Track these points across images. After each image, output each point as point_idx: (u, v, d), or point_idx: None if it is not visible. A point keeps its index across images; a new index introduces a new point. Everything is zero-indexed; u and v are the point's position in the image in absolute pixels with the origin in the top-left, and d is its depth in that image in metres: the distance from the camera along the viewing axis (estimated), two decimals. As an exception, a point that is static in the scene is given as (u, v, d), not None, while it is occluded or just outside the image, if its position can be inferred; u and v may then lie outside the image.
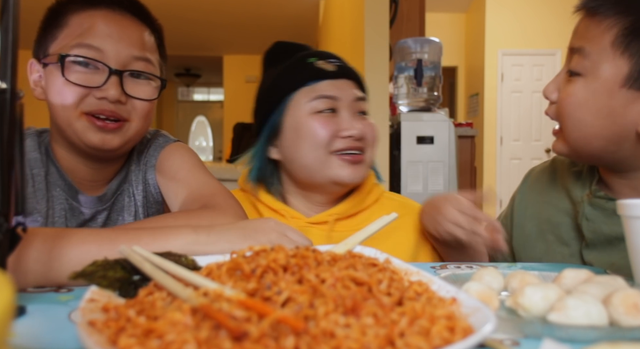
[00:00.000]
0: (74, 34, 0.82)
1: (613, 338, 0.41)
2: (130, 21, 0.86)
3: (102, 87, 0.81)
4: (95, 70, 0.82)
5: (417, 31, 3.50)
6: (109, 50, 0.82)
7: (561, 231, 0.91)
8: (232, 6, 6.28)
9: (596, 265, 0.83)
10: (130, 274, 0.49)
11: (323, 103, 0.92)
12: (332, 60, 0.97)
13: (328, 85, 0.93)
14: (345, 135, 0.91)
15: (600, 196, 0.84)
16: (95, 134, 0.82)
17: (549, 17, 6.34)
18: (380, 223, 0.64)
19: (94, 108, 0.82)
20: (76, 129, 0.82)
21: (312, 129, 0.91)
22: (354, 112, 0.94)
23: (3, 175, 0.45)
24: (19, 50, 0.45)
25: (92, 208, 0.90)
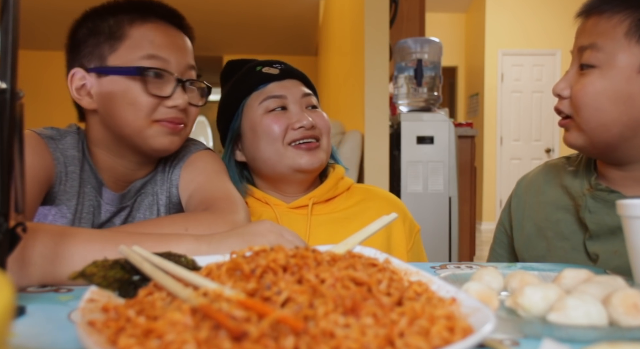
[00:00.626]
0: (138, 46, 0.86)
1: (613, 338, 0.41)
2: (176, 31, 0.92)
3: (172, 96, 0.87)
4: (162, 80, 0.86)
5: (417, 31, 3.50)
6: (172, 60, 0.88)
7: (561, 227, 0.93)
8: (232, 6, 6.28)
9: (600, 254, 0.85)
10: (130, 274, 0.49)
11: (273, 103, 1.02)
12: (276, 65, 1.07)
13: (275, 86, 1.04)
14: (297, 127, 1.00)
15: (602, 188, 0.86)
16: (166, 138, 0.88)
17: (549, 17, 6.34)
18: (380, 223, 0.64)
19: (165, 117, 0.87)
20: (147, 135, 0.86)
21: (266, 126, 1.01)
22: (303, 106, 1.04)
23: (3, 175, 0.45)
24: (19, 50, 0.45)
25: (115, 205, 0.92)
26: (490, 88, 6.67)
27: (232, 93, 1.07)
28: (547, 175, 1.00)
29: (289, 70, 1.07)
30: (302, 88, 1.05)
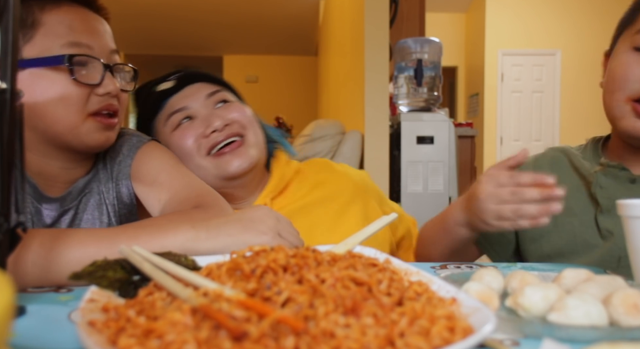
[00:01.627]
0: (57, 33, 0.78)
1: (613, 338, 0.41)
2: (92, 14, 0.84)
3: (102, 83, 0.80)
4: (89, 68, 0.80)
5: (417, 31, 3.50)
6: (95, 46, 0.81)
7: (570, 203, 0.93)
8: (232, 6, 6.28)
9: (615, 231, 0.87)
10: (130, 274, 0.49)
11: (176, 117, 0.95)
12: (171, 78, 0.99)
13: (175, 99, 0.97)
14: (209, 132, 0.93)
15: (614, 165, 0.88)
16: (101, 134, 0.82)
17: (549, 17, 6.34)
18: (380, 224, 0.64)
19: (100, 106, 0.80)
20: (80, 132, 0.80)
21: (177, 144, 0.94)
22: (211, 107, 0.96)
23: (3, 175, 0.45)
24: (19, 50, 0.45)
25: (58, 208, 0.86)
26: (490, 88, 6.68)
27: (141, 124, 1.01)
28: (554, 157, 1.01)
29: (185, 77, 0.99)
30: (206, 89, 0.98)
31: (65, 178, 0.87)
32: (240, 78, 8.75)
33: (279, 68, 8.72)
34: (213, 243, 0.64)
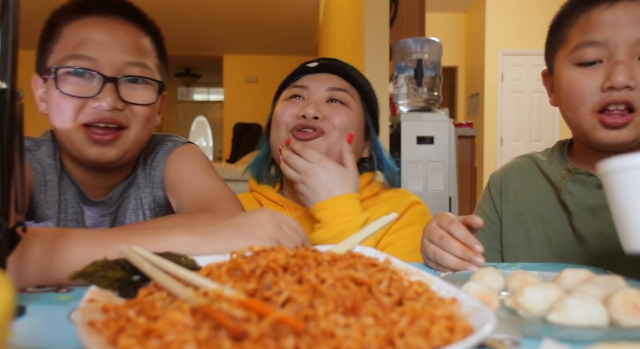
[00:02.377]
0: (68, 46, 0.81)
1: (613, 338, 0.41)
2: (123, 26, 0.84)
3: (98, 95, 0.80)
4: (89, 80, 0.80)
5: (417, 31, 3.50)
6: (102, 58, 0.81)
7: (542, 210, 0.96)
8: (232, 6, 6.28)
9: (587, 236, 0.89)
10: (130, 274, 0.49)
11: (292, 91, 1.02)
12: (322, 60, 1.05)
13: (306, 78, 1.03)
14: (300, 115, 0.98)
15: (581, 172, 0.91)
16: (92, 148, 0.81)
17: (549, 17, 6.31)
18: (380, 224, 0.64)
19: (92, 118, 0.80)
20: (74, 142, 0.81)
21: (278, 113, 1.01)
22: (324, 99, 1.00)
23: (3, 175, 0.45)
24: (19, 50, 0.45)
25: (98, 212, 0.90)
26: (490, 88, 6.67)
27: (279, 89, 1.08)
28: (521, 164, 1.03)
29: (327, 65, 1.04)
30: (334, 81, 1.01)
31: (102, 184, 0.90)
32: (240, 78, 8.75)
33: (279, 68, 8.71)
34: (207, 248, 0.63)
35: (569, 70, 0.86)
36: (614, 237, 0.85)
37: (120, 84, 0.82)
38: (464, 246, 0.71)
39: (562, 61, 0.88)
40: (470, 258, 0.70)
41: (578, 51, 0.84)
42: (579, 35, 0.85)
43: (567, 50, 0.87)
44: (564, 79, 0.87)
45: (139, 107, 0.84)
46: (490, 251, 1.02)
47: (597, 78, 0.82)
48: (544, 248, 0.94)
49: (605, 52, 0.82)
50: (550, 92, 0.96)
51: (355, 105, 1.03)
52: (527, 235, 0.97)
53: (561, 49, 0.89)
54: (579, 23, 0.85)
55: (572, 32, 0.87)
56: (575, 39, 0.85)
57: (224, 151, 8.26)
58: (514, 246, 0.99)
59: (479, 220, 0.73)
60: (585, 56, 0.83)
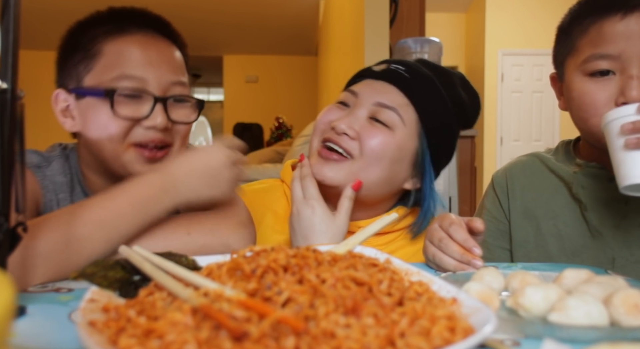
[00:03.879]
0: (113, 65, 0.80)
1: (614, 338, 0.41)
2: (162, 43, 0.84)
3: (150, 116, 0.80)
4: (139, 100, 0.80)
5: (417, 31, 3.50)
6: (151, 78, 0.80)
7: (551, 205, 0.96)
8: (232, 6, 6.28)
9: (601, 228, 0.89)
10: (131, 274, 0.49)
11: (342, 96, 0.93)
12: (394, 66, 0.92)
13: (364, 82, 0.93)
14: (331, 126, 0.88)
15: (592, 166, 0.91)
16: (143, 166, 0.81)
17: (549, 17, 6.33)
18: (380, 224, 0.64)
19: (143, 139, 0.80)
20: (124, 161, 0.81)
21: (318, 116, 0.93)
22: (367, 115, 0.88)
23: (3, 175, 0.45)
24: (19, 50, 0.45)
25: None
26: (490, 88, 6.67)
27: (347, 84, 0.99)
28: (526, 163, 1.03)
29: (391, 73, 0.91)
30: (387, 97, 0.88)
31: None
32: (240, 78, 8.74)
33: (279, 68, 8.71)
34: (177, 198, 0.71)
35: (580, 81, 0.85)
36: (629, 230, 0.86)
37: (168, 104, 0.82)
38: (463, 249, 0.71)
39: (573, 70, 0.87)
40: (468, 261, 0.70)
41: (590, 63, 0.83)
42: (590, 46, 0.83)
43: (578, 60, 0.85)
44: (575, 90, 0.86)
45: (182, 125, 0.85)
46: (498, 250, 1.02)
47: (610, 91, 0.81)
48: (556, 243, 0.94)
49: (618, 64, 0.81)
50: (559, 95, 0.95)
51: (404, 129, 0.87)
52: (537, 231, 0.97)
53: (571, 57, 0.88)
54: (590, 33, 0.84)
55: (583, 42, 0.85)
56: (587, 50, 0.84)
57: (224, 151, 8.24)
58: (524, 243, 0.99)
59: (480, 225, 0.73)
60: (598, 68, 0.82)
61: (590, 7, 0.85)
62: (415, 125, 0.89)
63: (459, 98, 0.96)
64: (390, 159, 0.86)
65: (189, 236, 0.72)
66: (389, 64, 0.94)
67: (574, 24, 0.88)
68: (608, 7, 0.81)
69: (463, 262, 0.70)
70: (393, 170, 0.88)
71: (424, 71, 0.93)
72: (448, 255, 0.72)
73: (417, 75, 0.91)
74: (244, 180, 0.79)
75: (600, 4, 0.83)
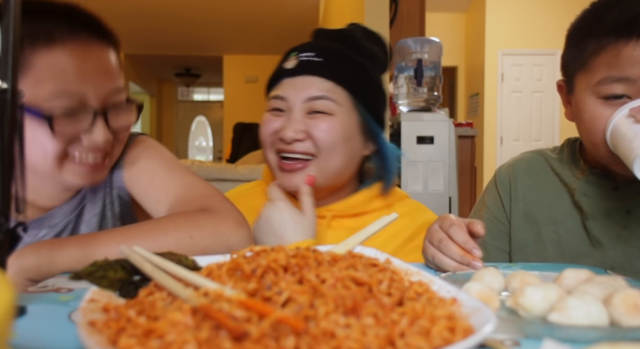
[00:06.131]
0: (46, 79, 0.71)
1: (614, 338, 0.41)
2: (97, 48, 0.77)
3: (91, 130, 0.75)
4: (78, 115, 0.74)
5: (417, 31, 3.50)
6: (89, 91, 0.74)
7: (553, 211, 0.95)
8: (232, 6, 6.28)
9: (601, 238, 0.88)
10: (131, 274, 0.49)
11: (272, 103, 0.93)
12: (303, 55, 0.93)
13: (284, 83, 0.92)
14: (280, 137, 0.89)
15: (596, 173, 0.89)
16: (84, 178, 0.78)
17: (549, 17, 6.34)
18: (380, 224, 0.64)
19: (83, 154, 0.76)
20: (62, 176, 0.76)
21: (261, 128, 0.93)
22: (305, 111, 0.89)
23: (3, 175, 0.45)
24: (19, 50, 0.45)
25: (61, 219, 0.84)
26: (490, 88, 6.67)
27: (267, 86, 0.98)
28: (530, 161, 1.01)
29: (307, 64, 0.91)
30: (313, 89, 0.89)
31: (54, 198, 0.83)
32: (240, 78, 8.75)
33: (279, 69, 8.71)
34: None
35: (593, 103, 0.82)
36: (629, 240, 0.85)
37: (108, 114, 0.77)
38: (463, 250, 0.71)
39: (585, 89, 0.84)
40: (468, 262, 0.69)
41: (605, 86, 0.80)
42: (605, 68, 0.80)
43: (592, 80, 0.82)
44: (587, 111, 0.83)
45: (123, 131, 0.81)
46: (496, 251, 1.01)
47: None
48: (555, 249, 0.93)
49: (634, 89, 0.78)
50: (566, 104, 0.92)
51: (342, 109, 0.90)
52: (537, 236, 0.96)
53: (583, 74, 0.85)
54: (606, 55, 0.80)
55: (597, 62, 0.81)
56: (601, 71, 0.80)
57: (224, 151, 8.26)
58: (524, 247, 0.97)
59: (481, 229, 0.72)
60: (613, 92, 0.80)
61: (606, 26, 0.81)
62: (348, 100, 0.92)
63: (369, 50, 0.97)
64: (344, 141, 0.90)
65: (191, 239, 0.70)
66: (297, 56, 0.93)
67: (587, 39, 0.84)
68: (629, 30, 0.77)
69: (463, 263, 0.70)
70: (350, 148, 0.92)
71: (332, 46, 0.95)
72: (448, 256, 0.71)
73: (328, 54, 0.93)
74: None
75: (620, 26, 0.79)
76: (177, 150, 11.03)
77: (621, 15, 0.79)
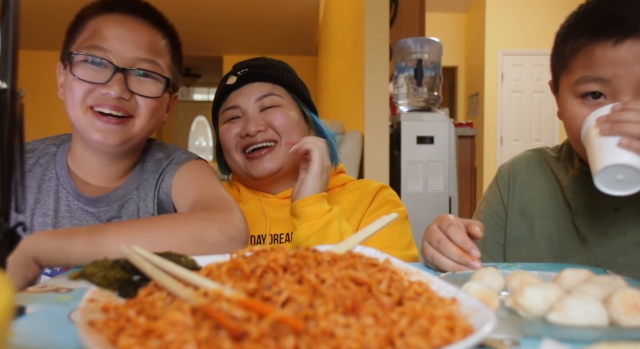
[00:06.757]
0: (89, 38, 0.88)
1: (613, 338, 0.41)
2: (141, 25, 0.91)
3: (107, 83, 0.86)
4: (102, 69, 0.87)
5: (417, 31, 3.50)
6: (115, 50, 0.87)
7: (547, 206, 0.97)
8: (232, 6, 6.28)
9: (588, 235, 0.89)
10: (130, 274, 0.49)
11: (228, 114, 1.06)
12: (240, 72, 1.07)
13: (233, 96, 1.06)
14: (244, 135, 1.02)
15: (585, 171, 0.90)
16: (97, 131, 0.87)
17: (549, 17, 6.34)
18: (380, 224, 0.64)
19: (97, 102, 0.87)
20: (82, 124, 0.88)
21: (223, 138, 1.06)
22: (258, 109, 1.04)
23: (3, 175, 0.45)
24: (19, 50, 0.45)
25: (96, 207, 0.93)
26: (490, 88, 6.67)
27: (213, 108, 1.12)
28: (530, 158, 1.04)
29: (246, 76, 1.07)
30: (258, 91, 1.05)
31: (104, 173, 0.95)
32: (240, 78, 8.74)
33: (279, 68, 8.70)
34: None
35: (572, 102, 0.84)
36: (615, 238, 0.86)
37: (130, 76, 0.88)
38: (462, 250, 0.71)
39: (566, 89, 0.86)
40: (467, 262, 0.70)
41: (581, 85, 0.82)
42: (582, 68, 0.82)
43: (570, 80, 0.84)
44: (567, 110, 0.85)
45: (145, 99, 0.90)
46: (492, 244, 1.03)
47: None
48: (546, 245, 0.94)
49: (609, 89, 0.80)
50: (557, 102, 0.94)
51: (286, 101, 1.06)
52: (531, 231, 0.97)
53: (565, 74, 0.87)
54: (582, 56, 0.82)
55: (575, 63, 0.84)
56: (579, 72, 0.83)
57: (224, 151, 8.25)
58: (517, 241, 0.99)
59: (479, 231, 0.73)
60: (589, 90, 0.81)
61: (583, 27, 0.83)
62: (286, 93, 1.08)
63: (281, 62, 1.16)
64: (296, 125, 1.06)
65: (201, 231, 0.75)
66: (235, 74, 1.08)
67: (567, 41, 0.86)
68: (600, 31, 0.80)
69: (461, 263, 0.71)
70: (301, 130, 1.07)
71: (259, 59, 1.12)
72: (447, 256, 0.72)
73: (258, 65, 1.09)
74: None
75: (593, 27, 0.81)
76: (177, 150, 11.00)
77: (597, 18, 0.81)
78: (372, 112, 2.70)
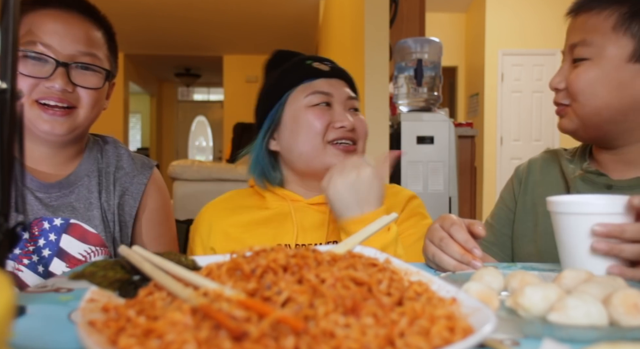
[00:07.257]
0: (27, 33, 0.91)
1: (613, 338, 0.41)
2: (76, 19, 0.95)
3: (50, 77, 0.91)
4: (44, 63, 0.92)
5: (417, 31, 3.50)
6: (55, 45, 0.92)
7: None
8: (232, 6, 6.28)
9: None
10: (130, 274, 0.49)
11: (318, 98, 1.02)
12: (326, 62, 1.09)
13: (323, 82, 1.04)
14: (338, 126, 1.01)
15: (592, 171, 0.93)
16: (45, 122, 0.92)
17: (548, 17, 6.34)
18: (380, 223, 0.64)
19: (42, 95, 0.91)
20: (29, 116, 0.92)
21: (308, 120, 1.01)
22: (347, 108, 1.04)
23: (3, 175, 0.45)
24: (19, 50, 0.45)
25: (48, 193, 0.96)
26: (490, 88, 6.67)
27: (279, 83, 1.07)
28: (545, 159, 1.06)
29: (338, 70, 1.08)
30: (348, 90, 1.06)
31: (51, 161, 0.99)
32: (240, 78, 8.74)
33: (279, 68, 8.69)
34: None
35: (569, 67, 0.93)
36: None
37: (72, 70, 0.94)
38: (464, 249, 0.71)
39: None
40: (468, 261, 0.70)
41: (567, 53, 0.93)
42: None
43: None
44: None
45: (87, 90, 0.96)
46: (503, 237, 1.06)
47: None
48: (548, 242, 0.96)
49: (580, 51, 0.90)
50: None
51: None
52: (535, 227, 0.99)
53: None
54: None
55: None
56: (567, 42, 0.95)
57: (224, 151, 8.26)
58: (522, 236, 1.01)
59: (481, 231, 0.73)
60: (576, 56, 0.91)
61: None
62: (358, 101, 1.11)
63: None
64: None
65: None
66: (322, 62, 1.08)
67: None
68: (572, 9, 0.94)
69: (463, 262, 0.71)
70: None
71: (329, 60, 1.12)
72: (448, 254, 0.72)
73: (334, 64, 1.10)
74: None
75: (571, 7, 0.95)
76: (177, 150, 11.03)
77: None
78: (372, 112, 2.70)
